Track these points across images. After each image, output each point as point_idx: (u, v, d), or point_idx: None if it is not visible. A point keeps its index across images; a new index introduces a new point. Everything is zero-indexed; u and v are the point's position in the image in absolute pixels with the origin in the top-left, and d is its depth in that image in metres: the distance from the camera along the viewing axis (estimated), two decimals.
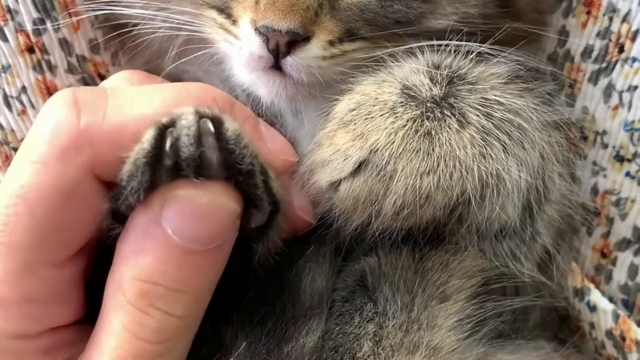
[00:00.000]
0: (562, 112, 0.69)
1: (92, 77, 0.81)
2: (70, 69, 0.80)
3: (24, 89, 0.77)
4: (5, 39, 0.75)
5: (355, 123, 0.60)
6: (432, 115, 0.59)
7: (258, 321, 0.61)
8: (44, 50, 0.77)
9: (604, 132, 0.75)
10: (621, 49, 0.72)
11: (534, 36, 0.72)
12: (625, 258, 0.78)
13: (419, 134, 0.59)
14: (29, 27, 0.75)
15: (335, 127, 0.61)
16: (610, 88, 0.74)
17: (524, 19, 0.71)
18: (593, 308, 0.77)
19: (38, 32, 0.76)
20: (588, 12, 0.74)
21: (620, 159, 0.75)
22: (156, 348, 0.53)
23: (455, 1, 0.68)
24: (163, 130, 0.52)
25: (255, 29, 0.62)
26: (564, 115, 0.68)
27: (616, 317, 0.75)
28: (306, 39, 0.62)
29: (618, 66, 0.73)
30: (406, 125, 0.59)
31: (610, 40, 0.73)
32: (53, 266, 0.56)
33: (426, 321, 0.62)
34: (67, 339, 0.58)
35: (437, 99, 0.60)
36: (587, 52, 0.75)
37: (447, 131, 0.59)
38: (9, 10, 0.74)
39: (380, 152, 0.58)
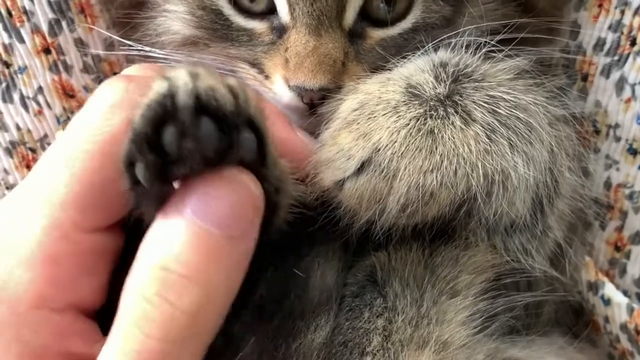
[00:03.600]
0: (572, 106, 0.69)
1: (107, 76, 0.82)
2: (86, 69, 0.81)
3: (40, 89, 0.78)
4: (22, 40, 0.76)
5: (359, 122, 0.61)
6: (435, 114, 0.60)
7: (266, 317, 0.62)
8: (60, 51, 0.78)
9: (617, 125, 0.75)
10: (633, 42, 0.72)
11: (553, 32, 0.73)
12: (639, 252, 0.77)
13: (421, 132, 0.59)
14: (44, 28, 0.76)
15: (338, 127, 0.62)
16: (622, 81, 0.73)
17: (545, 18, 0.71)
18: (607, 302, 0.77)
19: (54, 33, 0.77)
20: (600, 5, 0.74)
21: (633, 152, 0.74)
22: (161, 347, 0.49)
23: (477, 18, 0.68)
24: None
25: (288, 86, 0.64)
26: (573, 109, 0.68)
27: (630, 310, 0.75)
28: (338, 87, 0.64)
29: (630, 59, 0.72)
30: (409, 124, 0.59)
31: (622, 33, 0.73)
32: (83, 231, 0.55)
33: (436, 316, 0.62)
34: (88, 335, 0.56)
35: (442, 97, 0.61)
36: (599, 45, 0.75)
37: (451, 129, 0.59)
38: (25, 12, 0.75)
39: (383, 151, 0.59)
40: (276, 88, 0.66)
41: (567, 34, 0.77)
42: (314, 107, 0.65)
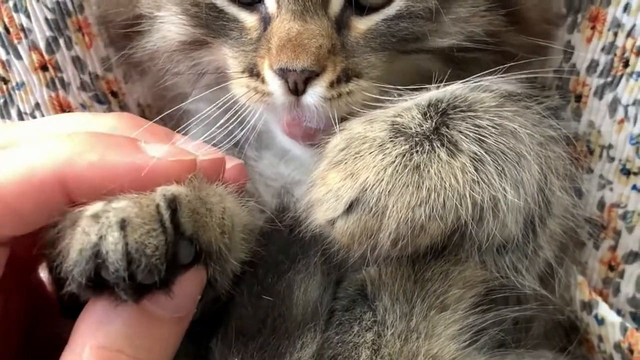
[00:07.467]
0: (563, 127, 0.69)
1: (104, 95, 0.83)
2: (83, 87, 0.82)
3: (37, 105, 0.79)
4: (19, 57, 0.77)
5: (346, 162, 0.61)
6: (420, 149, 0.60)
7: (250, 337, 0.61)
8: (57, 68, 0.79)
9: (610, 146, 0.75)
10: (626, 64, 0.73)
11: (543, 50, 0.73)
12: (633, 271, 0.77)
13: (407, 168, 0.59)
14: (42, 45, 0.77)
15: (326, 167, 0.62)
16: (615, 102, 0.74)
17: (533, 31, 0.72)
18: (601, 321, 0.77)
19: (51, 50, 0.78)
20: (593, 27, 0.75)
21: (626, 172, 0.75)
22: None
23: (461, 21, 0.69)
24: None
25: (274, 72, 0.65)
26: (564, 130, 0.68)
27: (624, 330, 0.75)
28: (318, 74, 0.64)
29: (623, 80, 0.73)
30: (394, 161, 0.59)
31: (615, 54, 0.74)
32: None
33: (425, 330, 0.62)
34: None
35: (427, 132, 0.61)
36: (592, 67, 0.76)
37: (437, 162, 0.59)
38: (23, 29, 0.76)
39: (370, 190, 0.59)
40: (269, 85, 0.66)
41: (560, 55, 0.78)
42: (298, 94, 0.65)
